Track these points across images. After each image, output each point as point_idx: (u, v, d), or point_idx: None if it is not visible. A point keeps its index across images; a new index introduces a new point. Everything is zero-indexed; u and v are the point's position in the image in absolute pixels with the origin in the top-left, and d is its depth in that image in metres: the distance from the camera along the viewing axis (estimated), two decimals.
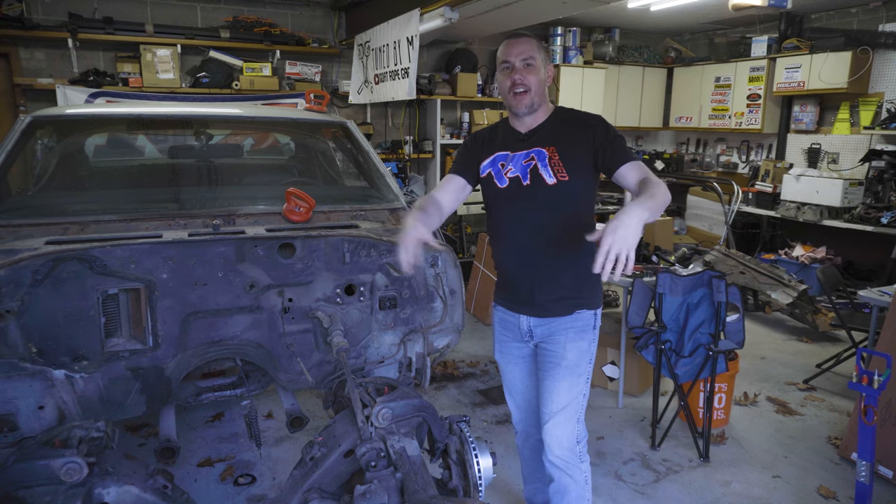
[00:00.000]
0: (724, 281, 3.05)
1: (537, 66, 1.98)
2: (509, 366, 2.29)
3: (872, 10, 5.98)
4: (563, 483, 2.14)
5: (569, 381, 2.08)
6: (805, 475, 3.01)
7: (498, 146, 2.10)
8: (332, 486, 1.86)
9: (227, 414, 3.53)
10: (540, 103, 2.03)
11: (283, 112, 3.91)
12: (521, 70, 1.97)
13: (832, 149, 6.34)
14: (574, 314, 2.08)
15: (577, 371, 2.09)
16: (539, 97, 2.01)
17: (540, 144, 2.02)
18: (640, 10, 6.01)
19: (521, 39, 2.00)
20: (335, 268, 2.30)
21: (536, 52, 1.98)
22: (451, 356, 4.38)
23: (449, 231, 6.70)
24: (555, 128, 2.04)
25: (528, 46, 1.98)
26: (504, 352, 2.29)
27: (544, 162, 1.99)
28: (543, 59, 2.01)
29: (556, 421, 2.09)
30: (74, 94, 5.09)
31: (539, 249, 2.05)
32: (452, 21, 4.32)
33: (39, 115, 2.86)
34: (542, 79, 2.00)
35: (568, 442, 2.10)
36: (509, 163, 2.05)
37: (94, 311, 2.02)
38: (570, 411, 2.09)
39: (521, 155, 2.03)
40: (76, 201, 2.63)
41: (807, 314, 4.97)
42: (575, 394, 2.09)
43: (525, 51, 1.97)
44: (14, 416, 2.01)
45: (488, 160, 2.10)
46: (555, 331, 2.09)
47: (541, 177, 1.99)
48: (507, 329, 2.24)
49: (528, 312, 2.13)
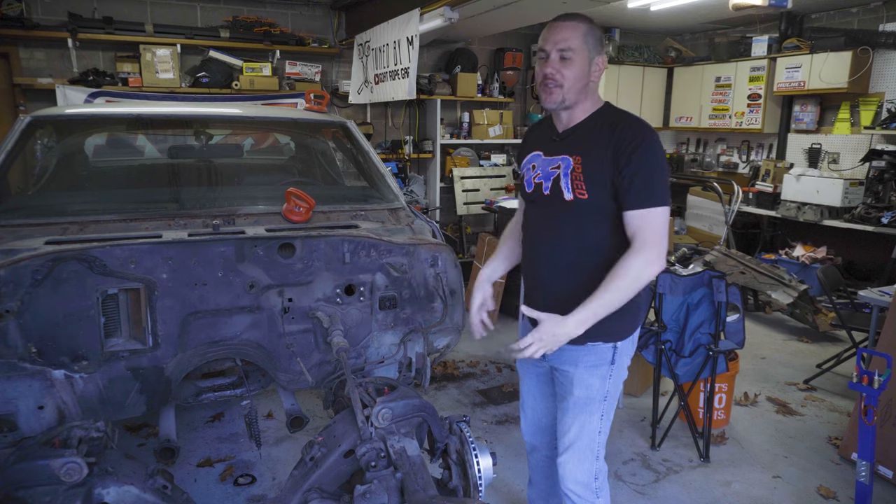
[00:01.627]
0: (725, 281, 3.05)
1: (576, 58, 1.72)
2: (524, 378, 2.14)
3: (873, 10, 5.97)
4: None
5: (579, 419, 1.89)
6: (805, 475, 3.01)
7: (536, 145, 1.92)
8: (332, 486, 1.86)
9: (227, 414, 3.52)
10: (577, 101, 1.77)
11: (283, 112, 3.91)
12: (556, 62, 1.73)
13: (833, 149, 6.33)
14: (587, 346, 1.82)
15: (587, 409, 1.88)
16: (575, 94, 1.75)
17: (569, 150, 1.79)
18: (640, 10, 6.00)
19: (565, 24, 1.73)
20: (335, 268, 2.30)
21: (580, 41, 1.72)
22: (451, 356, 4.38)
23: (449, 231, 6.70)
24: (590, 131, 1.78)
25: (570, 34, 1.72)
26: (522, 363, 2.13)
27: (567, 173, 1.77)
28: (590, 49, 1.74)
29: (568, 456, 1.93)
30: (74, 93, 5.09)
31: (554, 267, 1.85)
32: (452, 21, 4.31)
33: (39, 114, 2.86)
34: (580, 73, 1.73)
35: (583, 477, 1.92)
36: (539, 166, 1.87)
37: (94, 311, 2.02)
38: (581, 448, 1.90)
39: (550, 160, 1.83)
40: (76, 201, 2.63)
41: (807, 314, 4.97)
42: (588, 431, 1.89)
43: (565, 39, 1.71)
44: (14, 416, 2.01)
45: (527, 158, 1.94)
46: (565, 359, 1.87)
47: (560, 190, 1.78)
48: None
49: None
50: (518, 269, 2.09)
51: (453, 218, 6.85)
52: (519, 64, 7.05)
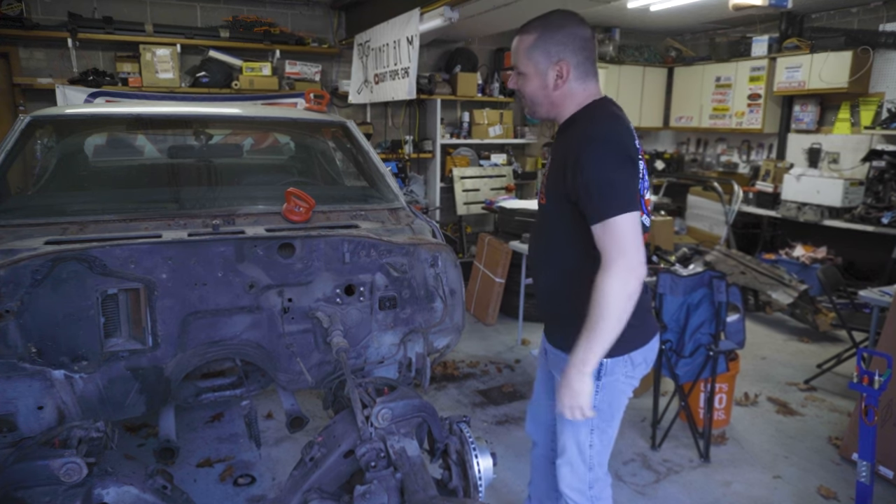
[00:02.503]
0: (725, 281, 3.05)
1: (528, 73, 1.69)
2: (538, 373, 2.13)
3: (873, 10, 5.97)
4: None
5: (568, 428, 1.83)
6: (805, 475, 3.01)
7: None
8: (332, 486, 1.86)
9: (227, 414, 3.52)
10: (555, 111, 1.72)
11: (282, 112, 3.90)
12: (515, 79, 1.74)
13: (833, 149, 6.33)
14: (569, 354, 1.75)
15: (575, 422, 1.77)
16: (546, 107, 1.71)
17: (552, 154, 1.79)
18: (640, 10, 6.00)
19: (516, 39, 1.70)
20: (335, 268, 2.30)
21: (524, 56, 1.67)
22: (451, 356, 4.37)
23: (449, 231, 6.70)
24: (564, 134, 1.73)
25: (517, 48, 1.69)
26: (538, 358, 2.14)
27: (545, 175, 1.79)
28: (540, 61, 1.66)
29: (561, 461, 1.89)
30: (74, 93, 5.09)
31: (538, 270, 1.89)
32: (452, 21, 4.31)
33: (39, 114, 2.85)
34: (537, 87, 1.69)
35: (578, 485, 1.88)
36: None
37: (94, 311, 2.02)
38: (572, 457, 1.85)
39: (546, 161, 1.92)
40: (75, 201, 2.63)
41: (807, 314, 4.97)
42: (577, 442, 1.83)
43: (514, 54, 1.71)
44: (13, 417, 2.01)
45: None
46: (556, 365, 1.85)
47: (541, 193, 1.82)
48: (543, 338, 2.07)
49: (545, 330, 1.97)
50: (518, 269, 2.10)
51: (453, 218, 6.84)
52: None
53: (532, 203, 4.90)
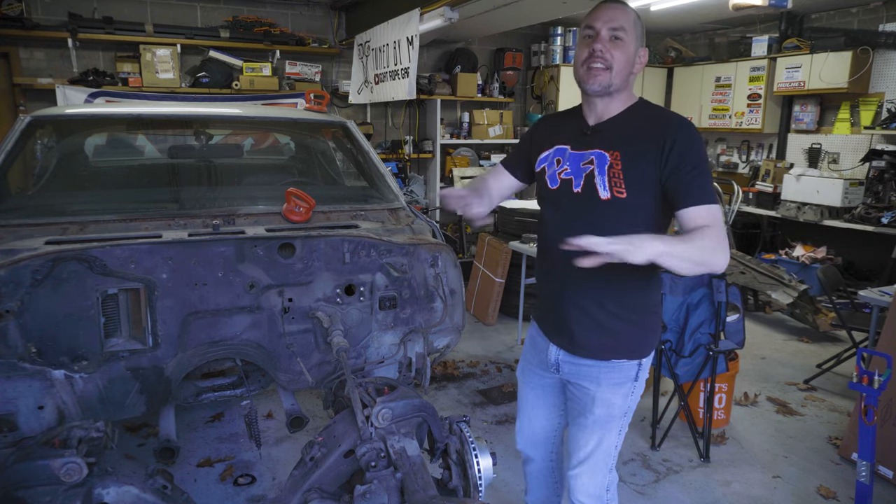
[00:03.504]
0: (725, 281, 3.05)
1: (627, 41, 1.63)
2: (525, 389, 2.05)
3: (873, 10, 5.97)
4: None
5: (598, 435, 1.82)
6: (805, 475, 3.01)
7: (560, 137, 1.78)
8: (332, 486, 1.86)
9: (227, 414, 3.52)
10: (620, 88, 1.67)
11: (283, 112, 3.91)
12: (606, 41, 1.62)
13: (832, 149, 6.33)
14: (611, 363, 1.74)
15: (607, 426, 1.80)
16: (620, 79, 1.65)
17: (604, 145, 1.66)
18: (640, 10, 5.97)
19: (617, 5, 1.65)
20: (335, 268, 2.30)
21: (631, 24, 1.64)
22: (451, 356, 4.38)
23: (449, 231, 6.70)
24: (628, 126, 1.67)
25: (623, 15, 1.64)
26: (524, 372, 2.04)
27: (603, 169, 1.64)
28: (638, 37, 1.66)
29: (581, 470, 1.87)
30: (74, 93, 5.09)
31: (579, 273, 1.54)
32: (452, 21, 4.31)
33: (39, 114, 2.85)
34: (628, 58, 1.64)
35: (595, 490, 1.89)
36: (566, 160, 1.73)
37: (94, 311, 2.02)
38: (597, 462, 1.85)
39: (581, 155, 1.70)
40: (76, 201, 2.63)
41: (807, 314, 4.97)
42: (605, 447, 1.84)
43: (617, 18, 1.63)
44: (14, 416, 2.01)
45: (547, 152, 1.79)
46: (584, 376, 1.78)
47: (594, 187, 1.65)
48: (535, 350, 1.97)
49: (559, 343, 1.83)
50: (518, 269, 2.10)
51: (453, 218, 6.85)
52: (519, 64, 7.05)
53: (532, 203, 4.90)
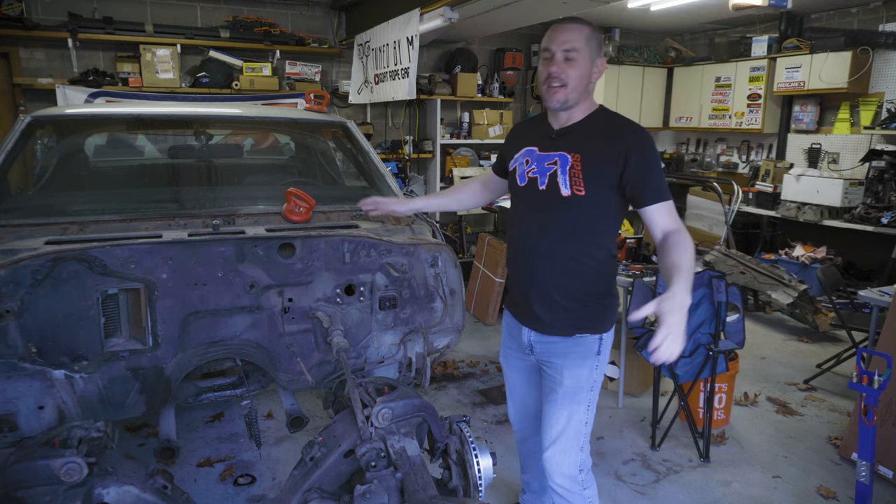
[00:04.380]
0: (725, 281, 3.05)
1: (580, 59, 1.80)
2: (511, 372, 2.25)
3: (872, 10, 5.98)
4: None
5: (567, 409, 1.97)
6: (805, 475, 3.01)
7: (529, 140, 1.98)
8: (332, 486, 1.86)
9: (227, 414, 3.52)
10: (578, 101, 1.86)
11: (283, 112, 3.91)
12: (560, 62, 1.81)
13: (832, 149, 6.33)
14: (575, 337, 1.94)
15: (575, 399, 1.97)
16: (577, 94, 1.83)
17: (566, 148, 1.86)
18: (640, 10, 6.00)
19: (569, 26, 1.81)
20: (335, 268, 2.30)
21: (584, 42, 1.80)
22: (451, 356, 4.38)
23: (449, 231, 6.70)
24: (588, 131, 1.87)
25: (574, 35, 1.80)
26: (507, 357, 2.24)
27: (564, 169, 1.84)
28: (592, 52, 1.82)
29: (555, 449, 2.00)
30: (74, 93, 5.09)
31: (543, 260, 1.91)
32: (452, 21, 4.31)
33: (39, 114, 2.85)
34: (583, 74, 1.82)
35: (569, 470, 2.01)
36: (534, 161, 1.93)
37: (94, 311, 2.02)
38: (568, 439, 1.99)
39: (546, 156, 1.90)
40: (76, 201, 2.63)
41: (807, 314, 4.97)
42: (574, 422, 1.98)
43: (569, 40, 1.80)
44: (14, 416, 2.01)
45: (518, 153, 1.99)
46: (554, 352, 1.98)
47: (557, 185, 1.85)
48: (511, 336, 2.17)
49: (529, 325, 2.03)
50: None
51: (453, 218, 6.85)
52: (519, 64, 7.05)
53: None
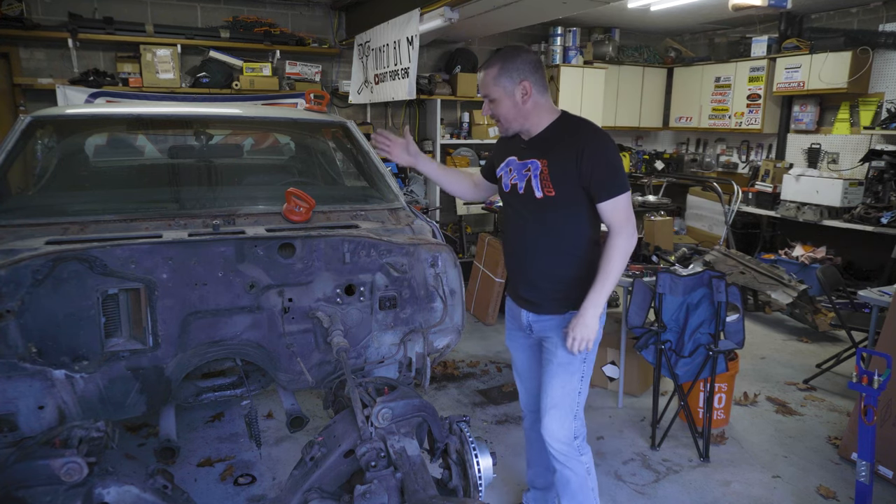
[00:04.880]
0: (724, 281, 3.05)
1: (498, 98, 2.03)
2: (517, 353, 2.43)
3: (872, 10, 5.98)
4: (565, 475, 2.24)
5: (561, 379, 2.17)
6: (805, 475, 3.01)
7: (510, 150, 2.20)
8: (332, 486, 1.87)
9: (227, 414, 3.53)
10: (523, 124, 2.08)
11: (283, 112, 3.91)
12: (487, 106, 2.09)
13: (832, 149, 6.34)
14: (566, 314, 2.15)
15: (569, 369, 2.16)
16: (516, 122, 2.07)
17: (536, 155, 2.08)
18: (640, 10, 6.01)
19: (483, 73, 2.06)
20: (335, 268, 2.30)
21: (492, 84, 2.03)
22: (451, 356, 4.38)
23: (449, 231, 6.71)
24: (551, 139, 2.08)
25: (485, 80, 2.05)
26: (512, 339, 2.43)
27: (536, 174, 2.07)
28: (506, 86, 2.01)
29: (550, 416, 2.19)
30: (74, 94, 5.09)
31: (531, 253, 2.16)
32: (452, 21, 4.31)
33: (39, 115, 2.85)
34: (508, 107, 2.04)
35: (564, 437, 2.18)
36: (514, 169, 2.16)
37: (94, 311, 2.02)
38: (563, 407, 2.17)
39: (523, 164, 2.12)
40: (76, 201, 2.63)
41: (807, 314, 4.97)
42: (568, 391, 2.17)
43: (484, 86, 2.06)
44: (14, 416, 2.01)
45: (503, 163, 2.22)
46: (549, 328, 2.20)
47: (532, 189, 2.08)
48: (513, 319, 2.37)
49: (527, 308, 2.24)
50: None
51: (453, 218, 6.85)
52: None
53: None
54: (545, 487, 2.57)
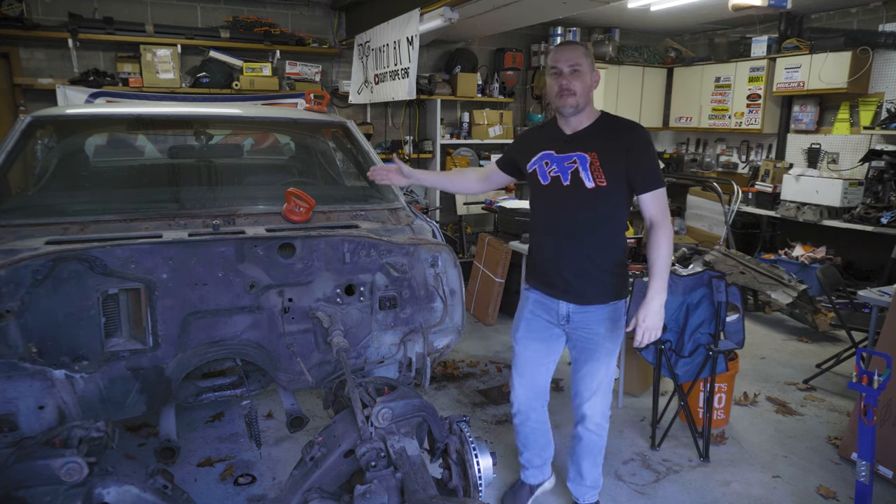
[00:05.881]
0: (724, 281, 3.05)
1: (583, 71, 2.17)
2: (529, 344, 2.47)
3: (872, 10, 5.98)
4: (593, 440, 2.47)
5: (606, 364, 2.38)
6: (805, 475, 3.01)
7: (544, 145, 2.32)
8: (332, 486, 1.87)
9: (227, 414, 3.53)
10: (585, 105, 2.21)
11: (283, 112, 3.91)
12: (569, 76, 2.17)
13: (832, 149, 6.34)
14: (610, 304, 2.32)
15: (612, 354, 2.39)
16: (584, 100, 2.20)
17: (582, 149, 2.22)
18: (640, 10, 6.01)
19: (570, 47, 2.21)
20: (335, 268, 2.30)
21: (584, 59, 2.18)
22: (451, 356, 4.38)
23: (449, 231, 6.71)
24: (598, 133, 2.24)
25: (576, 54, 2.18)
26: (531, 329, 2.45)
27: (585, 166, 2.20)
28: (590, 66, 2.19)
29: (597, 397, 2.40)
30: (74, 94, 5.09)
31: (576, 243, 2.27)
32: (452, 21, 4.31)
33: (39, 115, 2.86)
34: (587, 83, 2.19)
35: (604, 409, 2.45)
36: (553, 162, 2.27)
37: (94, 311, 2.02)
38: (606, 389, 2.43)
39: (565, 157, 2.24)
40: (76, 201, 2.63)
41: (807, 314, 4.97)
42: (609, 373, 2.41)
43: (573, 58, 2.17)
44: (14, 416, 2.01)
45: (535, 157, 2.32)
46: (591, 319, 2.33)
47: (581, 180, 2.21)
48: (543, 310, 2.42)
49: (567, 299, 2.33)
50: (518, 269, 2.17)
51: (453, 218, 6.85)
52: (519, 64, 7.05)
53: None
54: (542, 464, 2.72)
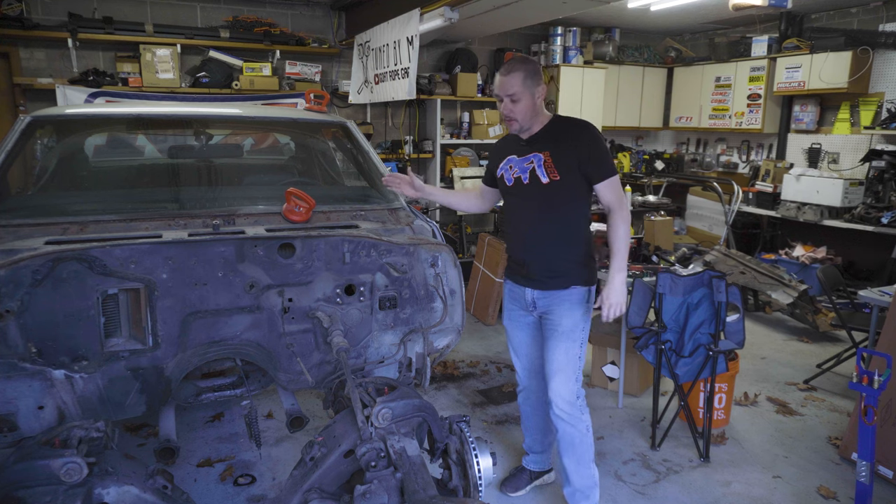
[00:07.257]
0: (725, 281, 3.05)
1: (520, 98, 2.33)
2: (516, 331, 2.65)
3: (872, 10, 5.98)
4: (568, 432, 2.49)
5: (565, 346, 2.44)
6: (805, 475, 3.01)
7: (508, 152, 2.50)
8: (332, 486, 1.87)
9: (227, 414, 3.52)
10: (531, 123, 2.39)
11: (283, 112, 3.90)
12: (508, 104, 2.35)
13: (832, 149, 6.33)
14: (570, 289, 2.43)
15: (571, 336, 2.44)
16: (528, 120, 2.37)
17: (538, 150, 2.40)
18: (640, 10, 6.00)
19: (507, 76, 2.33)
20: (335, 268, 2.30)
21: (520, 86, 2.31)
22: (451, 356, 4.38)
23: (449, 231, 6.70)
24: (550, 135, 2.41)
25: (512, 83, 2.32)
26: (511, 318, 2.65)
27: (540, 165, 2.38)
28: (529, 87, 2.32)
29: (557, 380, 2.46)
30: (74, 93, 5.09)
31: (537, 235, 2.43)
32: (452, 21, 4.31)
33: (39, 114, 2.85)
34: (527, 106, 2.34)
35: (569, 396, 2.46)
36: (515, 165, 2.46)
37: (94, 311, 2.02)
38: (567, 371, 2.45)
39: (524, 159, 2.42)
40: (76, 201, 2.63)
41: (807, 314, 4.97)
42: (571, 357, 2.45)
43: (508, 88, 2.32)
44: (14, 416, 2.01)
45: (502, 163, 2.51)
46: (553, 303, 2.45)
47: (537, 177, 2.38)
48: (515, 300, 2.59)
49: (532, 286, 2.48)
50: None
51: (453, 218, 6.85)
52: None
53: None
54: (542, 451, 2.83)
